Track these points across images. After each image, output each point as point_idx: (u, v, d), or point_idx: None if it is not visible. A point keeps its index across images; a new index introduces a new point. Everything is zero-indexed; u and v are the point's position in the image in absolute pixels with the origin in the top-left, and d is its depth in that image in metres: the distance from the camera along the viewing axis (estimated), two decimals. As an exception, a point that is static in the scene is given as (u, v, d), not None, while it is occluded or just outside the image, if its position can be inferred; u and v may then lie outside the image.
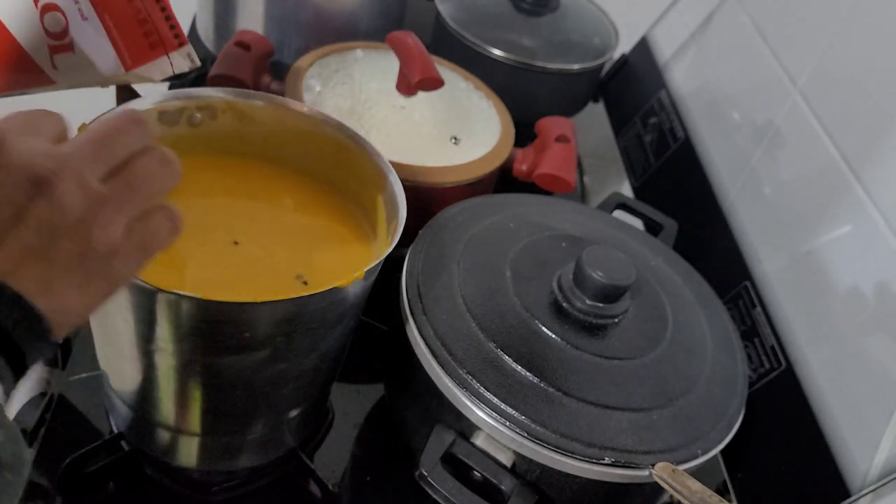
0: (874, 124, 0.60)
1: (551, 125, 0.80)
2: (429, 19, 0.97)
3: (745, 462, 0.62)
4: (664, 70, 0.96)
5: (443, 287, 0.56)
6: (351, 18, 0.89)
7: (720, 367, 0.58)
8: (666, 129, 0.90)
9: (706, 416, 0.54)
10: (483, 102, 0.81)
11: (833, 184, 0.62)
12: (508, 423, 0.50)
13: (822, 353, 0.60)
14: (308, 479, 0.59)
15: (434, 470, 0.49)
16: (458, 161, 0.72)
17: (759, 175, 0.73)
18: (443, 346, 0.52)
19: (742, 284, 0.70)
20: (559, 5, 0.98)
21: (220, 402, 0.50)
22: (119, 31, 0.40)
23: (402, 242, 0.49)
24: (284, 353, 0.48)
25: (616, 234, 0.68)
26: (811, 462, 0.57)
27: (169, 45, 0.42)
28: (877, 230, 0.57)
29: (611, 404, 0.52)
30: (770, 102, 0.73)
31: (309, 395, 0.56)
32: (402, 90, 0.73)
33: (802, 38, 0.71)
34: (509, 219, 0.64)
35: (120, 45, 0.41)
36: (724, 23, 0.86)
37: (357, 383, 0.67)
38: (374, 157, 0.56)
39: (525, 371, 0.52)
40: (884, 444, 0.51)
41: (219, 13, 0.89)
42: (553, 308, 0.56)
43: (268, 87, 0.76)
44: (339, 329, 0.51)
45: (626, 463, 0.50)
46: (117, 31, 0.40)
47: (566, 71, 0.93)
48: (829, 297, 0.60)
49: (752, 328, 0.67)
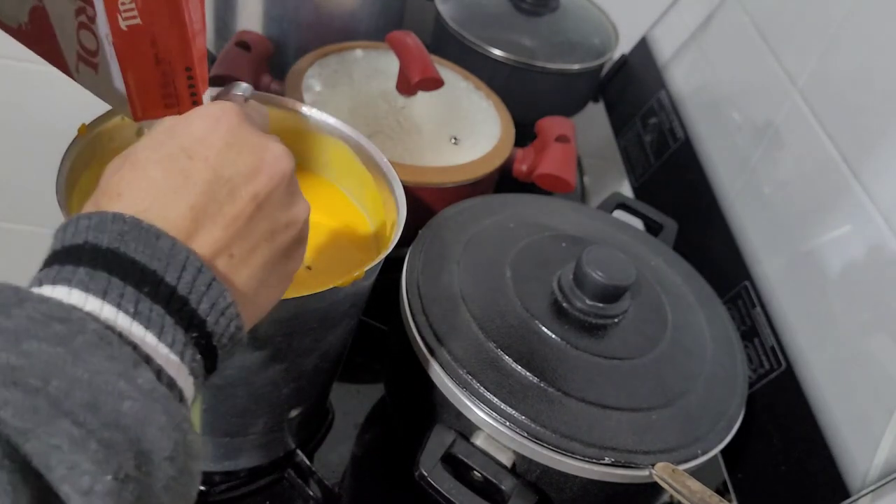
0: (874, 124, 0.60)
1: (551, 125, 0.80)
2: (429, 19, 0.97)
3: (745, 462, 0.62)
4: (664, 70, 0.96)
5: (443, 287, 0.56)
6: (351, 18, 0.89)
7: (720, 367, 0.58)
8: (666, 129, 0.90)
9: (706, 416, 0.54)
10: (483, 102, 0.81)
11: (833, 184, 0.62)
12: (508, 423, 0.50)
13: (822, 353, 0.60)
14: (308, 479, 0.59)
15: (434, 470, 0.49)
16: (458, 161, 0.72)
17: (759, 175, 0.73)
18: (443, 346, 0.52)
19: (742, 284, 0.70)
20: (559, 5, 0.98)
21: (220, 402, 0.50)
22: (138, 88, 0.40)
23: (402, 242, 0.49)
24: (284, 353, 0.48)
25: (616, 234, 0.68)
26: (811, 462, 0.57)
27: (183, 105, 0.42)
28: (877, 230, 0.57)
29: (611, 404, 0.52)
30: (770, 102, 0.73)
31: (309, 395, 0.56)
32: (402, 90, 0.73)
33: (802, 38, 0.71)
34: (509, 219, 0.64)
35: (133, 96, 0.41)
36: (724, 23, 0.86)
37: (357, 383, 0.67)
38: (374, 157, 0.56)
39: (525, 371, 0.52)
40: (884, 444, 0.51)
41: (219, 13, 0.89)
42: (553, 308, 0.56)
43: (268, 87, 0.76)
44: (339, 329, 0.51)
45: (626, 463, 0.50)
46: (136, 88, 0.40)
47: (566, 71, 0.93)
48: (829, 297, 0.60)
49: (752, 328, 0.67)
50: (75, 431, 0.25)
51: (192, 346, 0.31)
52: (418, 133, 0.74)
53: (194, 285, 0.30)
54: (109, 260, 0.29)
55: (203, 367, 0.32)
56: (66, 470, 0.24)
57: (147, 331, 0.29)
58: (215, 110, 0.35)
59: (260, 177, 0.34)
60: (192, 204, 0.32)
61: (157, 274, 0.30)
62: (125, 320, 0.29)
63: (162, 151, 0.33)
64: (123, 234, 0.30)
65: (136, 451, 0.26)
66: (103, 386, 0.26)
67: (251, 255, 0.34)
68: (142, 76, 0.40)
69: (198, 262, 0.31)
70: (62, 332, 0.27)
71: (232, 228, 0.33)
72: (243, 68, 0.74)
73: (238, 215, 0.33)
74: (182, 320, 0.30)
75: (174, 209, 0.31)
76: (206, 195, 0.32)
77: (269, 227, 0.35)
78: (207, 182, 0.33)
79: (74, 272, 0.29)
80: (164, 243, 0.30)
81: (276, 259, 0.36)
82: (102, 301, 0.29)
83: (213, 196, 0.33)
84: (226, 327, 0.32)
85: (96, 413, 0.25)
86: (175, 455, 0.27)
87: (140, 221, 0.30)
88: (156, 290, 0.30)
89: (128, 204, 0.31)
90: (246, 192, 0.34)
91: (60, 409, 0.25)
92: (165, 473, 0.27)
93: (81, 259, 0.29)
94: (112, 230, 0.30)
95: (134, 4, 0.37)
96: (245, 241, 0.34)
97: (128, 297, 0.29)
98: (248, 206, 0.34)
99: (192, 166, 0.33)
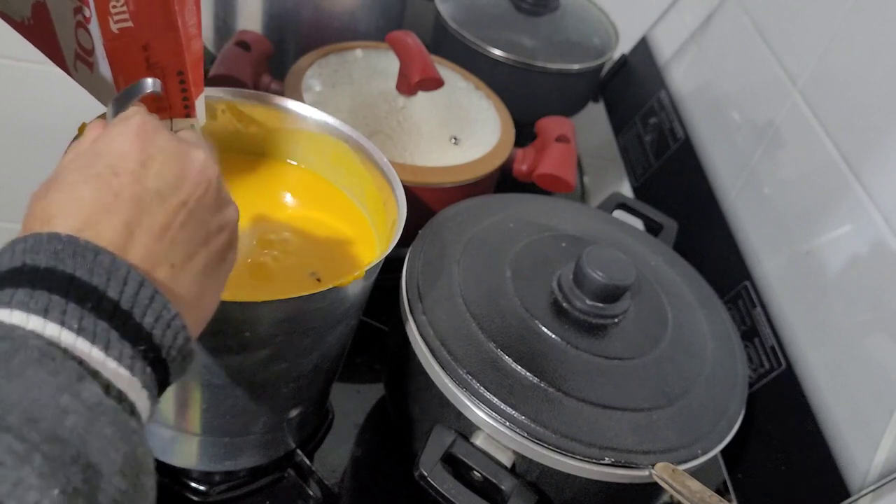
0: (874, 124, 0.60)
1: (551, 125, 0.80)
2: (429, 19, 0.97)
3: (745, 462, 0.62)
4: (664, 70, 0.96)
5: (443, 287, 0.56)
6: (351, 18, 0.89)
7: (720, 367, 0.58)
8: (666, 129, 0.90)
9: (706, 416, 0.54)
10: (483, 102, 0.81)
11: (833, 184, 0.62)
12: (508, 423, 0.50)
13: (822, 353, 0.60)
14: (308, 479, 0.59)
15: (434, 470, 0.49)
16: (458, 161, 0.72)
17: (759, 175, 0.73)
18: (443, 346, 0.52)
19: (742, 284, 0.70)
20: (559, 5, 0.98)
21: (220, 402, 0.50)
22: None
23: (402, 242, 0.49)
24: (284, 353, 0.48)
25: (616, 234, 0.68)
26: (811, 462, 0.57)
27: (176, 112, 0.41)
28: (877, 230, 0.57)
29: (611, 404, 0.52)
30: (770, 102, 0.73)
31: (309, 395, 0.56)
32: (402, 90, 0.73)
33: (802, 38, 0.71)
34: (509, 219, 0.64)
35: None
36: (724, 23, 0.86)
37: (357, 383, 0.67)
38: (374, 157, 0.56)
39: (525, 371, 0.52)
40: (884, 444, 0.51)
41: (219, 13, 0.89)
42: (553, 308, 0.56)
43: (268, 87, 0.76)
44: (340, 329, 0.51)
45: (626, 463, 0.50)
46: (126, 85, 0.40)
47: (566, 71, 0.93)
48: (829, 297, 0.60)
49: (752, 328, 0.67)
50: (18, 446, 0.24)
51: (141, 359, 0.30)
52: (418, 133, 0.74)
53: (136, 299, 0.30)
54: (49, 279, 0.29)
55: (155, 381, 0.32)
56: (11, 486, 0.23)
57: (93, 346, 0.29)
58: (134, 125, 0.35)
59: (186, 185, 0.35)
60: (125, 220, 0.32)
61: (98, 289, 0.29)
62: (69, 336, 0.29)
63: (88, 172, 0.33)
64: (58, 253, 0.30)
65: (83, 464, 0.25)
66: (45, 401, 0.26)
67: (189, 262, 0.34)
68: (133, 80, 0.39)
69: (138, 277, 0.31)
70: (3, 349, 0.26)
71: (166, 238, 0.33)
72: (243, 68, 0.74)
73: (169, 224, 0.33)
74: (127, 334, 0.30)
75: (107, 226, 0.31)
76: (137, 209, 0.32)
77: (203, 233, 0.35)
78: (136, 196, 0.33)
79: (13, 294, 0.29)
80: (103, 258, 0.30)
81: (214, 263, 0.36)
82: (45, 319, 0.28)
83: (143, 209, 0.33)
84: (173, 339, 0.32)
85: (38, 427, 0.25)
86: (125, 469, 0.27)
87: (77, 239, 0.30)
88: (98, 305, 0.29)
89: (61, 225, 0.31)
90: (175, 201, 0.34)
91: (1, 426, 0.24)
92: (116, 487, 0.26)
93: (20, 282, 0.29)
94: (47, 249, 0.30)
95: (125, 7, 0.37)
96: (181, 249, 0.34)
97: (70, 314, 0.29)
98: (178, 213, 0.34)
99: (119, 182, 0.33)
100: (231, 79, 0.73)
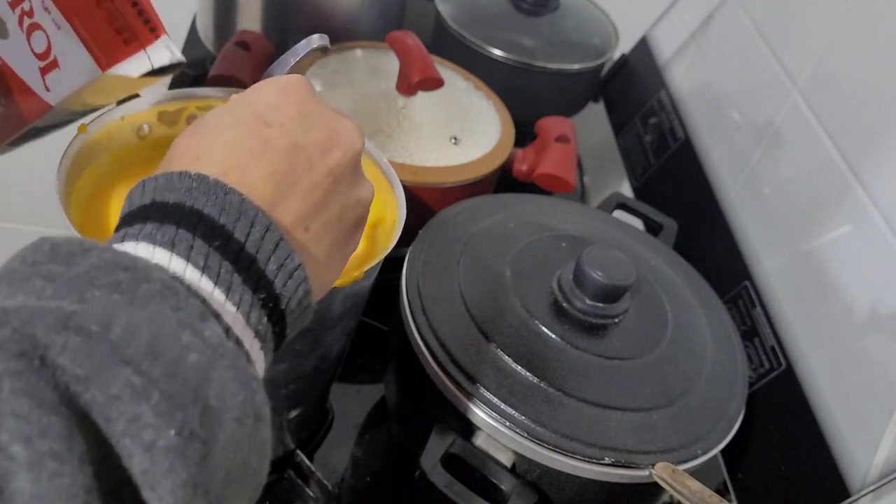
0: (874, 124, 0.60)
1: (551, 125, 0.80)
2: (429, 19, 0.97)
3: (745, 462, 0.62)
4: (664, 70, 0.96)
5: (443, 287, 0.56)
6: (351, 18, 0.89)
7: (720, 367, 0.58)
8: (666, 129, 0.90)
9: (706, 416, 0.54)
10: (483, 102, 0.81)
11: (833, 184, 0.62)
12: (508, 423, 0.50)
13: (822, 353, 0.60)
14: (308, 480, 0.59)
15: (434, 470, 0.49)
16: (458, 161, 0.72)
17: (759, 175, 0.73)
18: (443, 346, 0.52)
19: (742, 284, 0.70)
20: (559, 5, 0.98)
21: (219, 402, 0.50)
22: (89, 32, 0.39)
23: (402, 242, 0.49)
24: (283, 354, 0.48)
25: (616, 234, 0.68)
26: (811, 462, 0.57)
27: (144, 39, 0.40)
28: (877, 230, 0.57)
29: (611, 404, 0.52)
30: (770, 102, 0.73)
31: (309, 396, 0.56)
32: (402, 90, 0.73)
33: (802, 38, 0.71)
34: (509, 219, 0.64)
35: (92, 46, 0.39)
36: (724, 23, 0.86)
37: (357, 383, 0.67)
38: (374, 157, 0.56)
39: (525, 371, 0.52)
40: (884, 444, 0.51)
41: (219, 13, 0.89)
42: (553, 308, 0.56)
43: (268, 87, 0.76)
44: (339, 329, 0.51)
45: (626, 463, 0.50)
46: (87, 32, 0.39)
47: (566, 71, 0.93)
48: (829, 297, 0.60)
49: (752, 328, 0.67)
50: (137, 380, 0.23)
51: (259, 308, 0.29)
52: (418, 133, 0.74)
53: (262, 244, 0.29)
54: (177, 213, 0.28)
55: (272, 333, 0.30)
56: (127, 423, 0.22)
57: (216, 287, 0.27)
58: (286, 81, 0.34)
59: (335, 150, 0.33)
60: (273, 170, 0.31)
61: (225, 228, 0.28)
62: (194, 273, 0.27)
63: (236, 117, 0.32)
64: (191, 190, 0.28)
65: (202, 406, 0.24)
66: (167, 335, 0.24)
67: (324, 232, 0.33)
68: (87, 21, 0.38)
69: (266, 220, 0.29)
70: (126, 279, 0.25)
71: (310, 200, 0.32)
72: (243, 68, 0.74)
73: (315, 187, 0.32)
74: (250, 279, 0.28)
75: (255, 174, 0.30)
76: (286, 163, 0.31)
77: (342, 204, 0.34)
78: (286, 149, 0.31)
79: (141, 229, 0.28)
80: (232, 198, 0.29)
81: (343, 238, 0.34)
82: (171, 252, 0.27)
83: (292, 164, 0.31)
84: (294, 291, 0.30)
85: (158, 362, 0.24)
86: (243, 417, 0.25)
87: (206, 177, 0.29)
88: (224, 245, 0.28)
89: (206, 166, 0.30)
90: (323, 165, 0.32)
91: (121, 357, 0.23)
92: (232, 436, 0.25)
93: (150, 216, 0.28)
94: (179, 188, 0.28)
95: None
96: (320, 216, 0.32)
97: (197, 250, 0.27)
98: (325, 178, 0.32)
99: (269, 133, 0.31)
100: (231, 79, 0.73)
